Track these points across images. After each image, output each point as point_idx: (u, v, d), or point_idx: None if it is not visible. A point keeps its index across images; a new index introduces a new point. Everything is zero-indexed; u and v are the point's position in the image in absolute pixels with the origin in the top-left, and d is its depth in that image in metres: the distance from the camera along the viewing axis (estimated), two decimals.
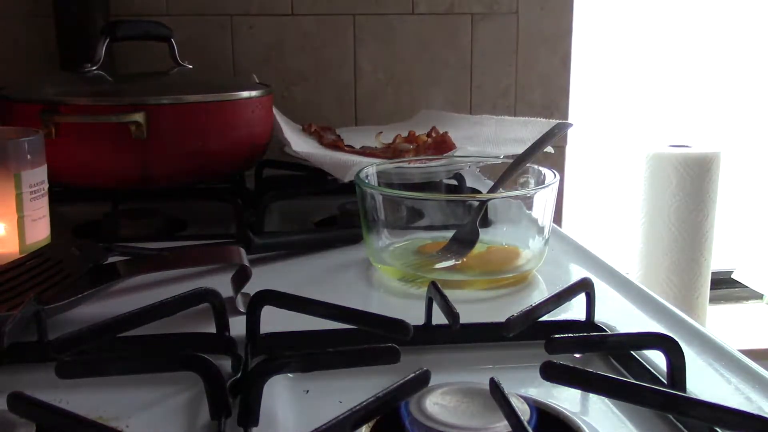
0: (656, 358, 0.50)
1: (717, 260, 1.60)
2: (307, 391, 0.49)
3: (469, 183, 0.95)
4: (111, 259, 0.67)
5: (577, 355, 0.54)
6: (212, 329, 0.54)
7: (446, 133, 1.02)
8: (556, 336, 0.48)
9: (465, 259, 0.70)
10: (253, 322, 0.53)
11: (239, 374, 0.48)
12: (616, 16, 1.59)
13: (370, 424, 0.41)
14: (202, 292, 0.54)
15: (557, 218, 1.23)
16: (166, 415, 0.46)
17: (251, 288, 0.57)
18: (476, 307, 0.62)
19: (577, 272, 0.72)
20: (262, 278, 0.65)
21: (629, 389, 0.44)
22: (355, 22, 1.26)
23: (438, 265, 0.69)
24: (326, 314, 0.52)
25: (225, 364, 0.49)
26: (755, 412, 0.45)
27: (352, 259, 0.74)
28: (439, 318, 0.54)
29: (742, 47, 1.65)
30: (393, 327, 0.50)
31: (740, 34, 1.65)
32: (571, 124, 0.89)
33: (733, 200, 1.63)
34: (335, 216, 0.92)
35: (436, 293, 0.55)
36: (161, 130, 0.84)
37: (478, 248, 0.71)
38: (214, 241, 0.75)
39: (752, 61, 1.64)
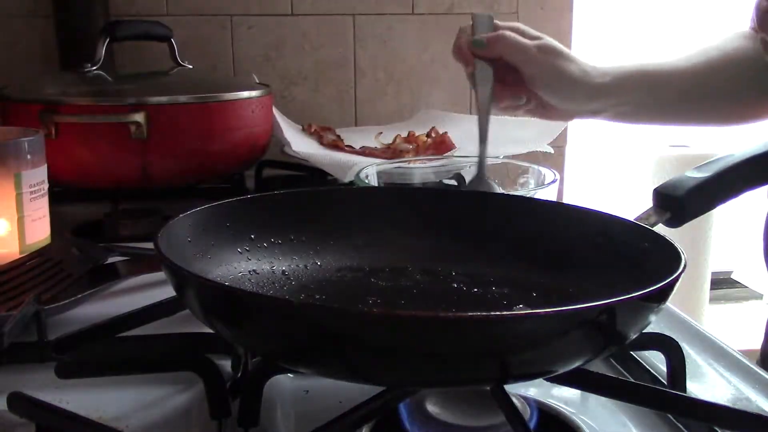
0: (656, 358, 0.51)
1: (717, 260, 1.60)
2: (307, 391, 0.49)
3: None
4: (111, 259, 0.67)
5: None
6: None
7: (446, 133, 1.02)
8: None
9: None
10: None
11: (239, 374, 0.48)
12: (616, 17, 1.59)
13: (370, 424, 0.41)
14: None
15: None
16: (166, 415, 0.46)
17: None
18: None
19: None
20: None
21: (629, 389, 0.44)
22: (355, 22, 1.25)
23: None
24: None
25: (225, 364, 0.49)
26: (755, 412, 0.46)
27: None
28: None
29: None
30: None
31: None
32: None
33: (732, 200, 1.63)
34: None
35: None
36: (161, 130, 0.84)
37: None
38: None
39: None
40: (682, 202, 0.53)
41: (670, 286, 0.38)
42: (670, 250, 0.43)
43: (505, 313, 0.33)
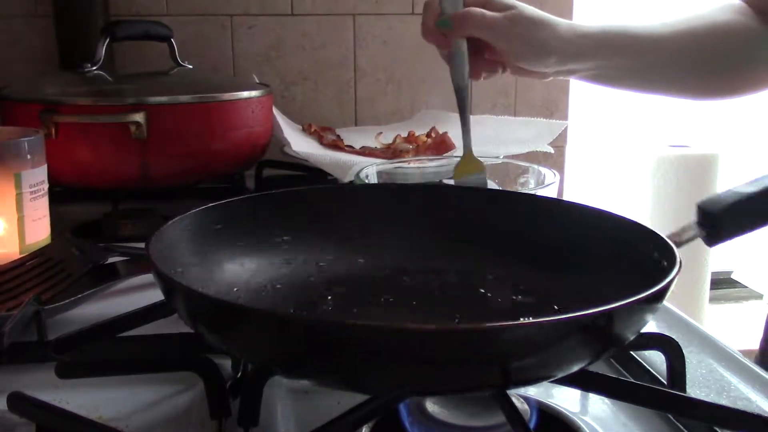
0: (656, 358, 0.50)
1: (717, 260, 1.60)
2: (307, 391, 0.49)
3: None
4: (111, 259, 0.67)
5: None
6: None
7: (446, 133, 1.02)
8: None
9: None
10: None
11: (239, 374, 0.48)
12: (615, 17, 1.59)
13: (370, 424, 0.41)
14: None
15: None
16: (166, 415, 0.46)
17: None
18: None
19: None
20: None
21: (629, 389, 0.44)
22: (355, 22, 1.26)
23: None
24: None
25: (225, 364, 0.49)
26: (755, 412, 0.46)
27: None
28: None
29: None
30: None
31: None
32: None
33: None
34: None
35: None
36: (161, 130, 0.84)
37: None
38: None
39: None
40: (717, 219, 0.48)
41: (665, 289, 0.38)
42: (666, 250, 0.43)
43: (502, 323, 0.33)
